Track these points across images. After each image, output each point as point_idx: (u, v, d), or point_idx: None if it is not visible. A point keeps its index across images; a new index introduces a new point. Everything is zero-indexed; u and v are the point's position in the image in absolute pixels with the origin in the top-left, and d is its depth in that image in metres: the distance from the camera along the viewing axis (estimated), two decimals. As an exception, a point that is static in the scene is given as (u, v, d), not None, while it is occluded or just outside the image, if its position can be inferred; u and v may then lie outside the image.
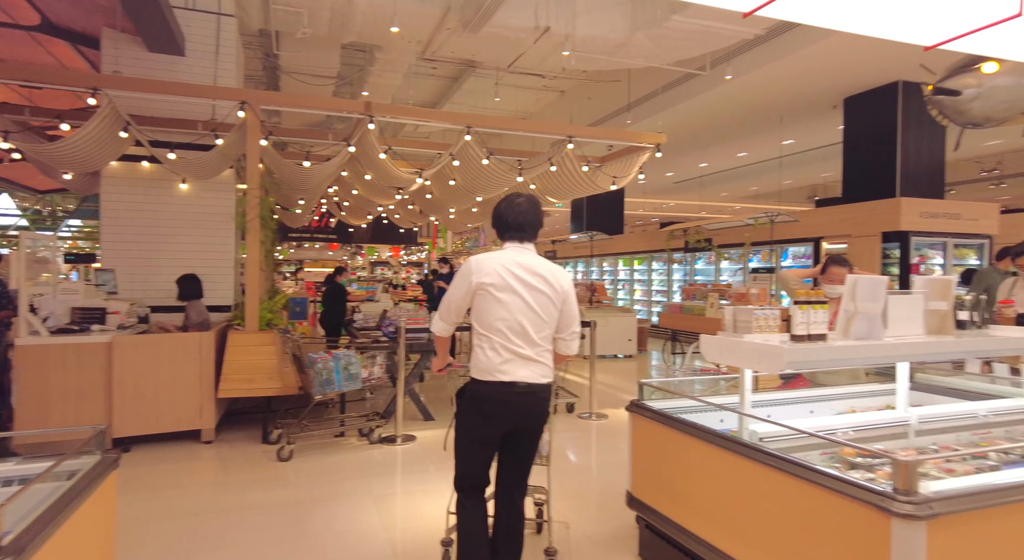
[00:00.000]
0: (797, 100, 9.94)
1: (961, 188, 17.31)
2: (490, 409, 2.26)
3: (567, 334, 2.38)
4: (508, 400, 2.24)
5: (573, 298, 2.40)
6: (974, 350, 2.83)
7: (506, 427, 2.29)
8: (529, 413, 2.29)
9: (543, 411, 2.35)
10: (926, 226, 8.20)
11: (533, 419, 2.33)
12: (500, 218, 2.39)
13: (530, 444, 2.39)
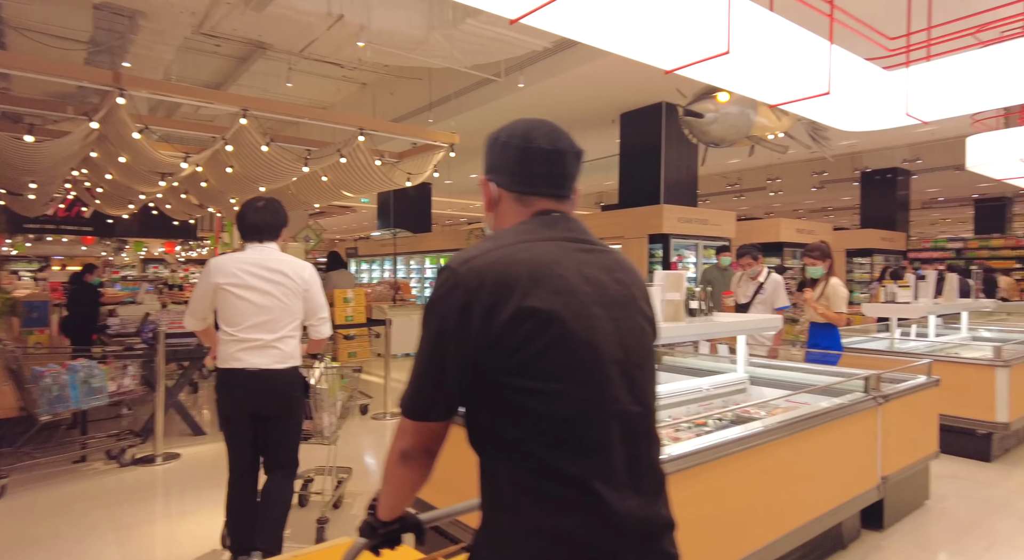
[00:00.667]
0: (582, 112, 10.86)
1: (712, 199, 20.45)
2: (228, 392, 2.52)
3: (315, 320, 2.68)
4: (240, 383, 2.47)
5: (316, 288, 2.64)
6: (701, 334, 3.30)
7: (247, 408, 2.52)
8: (263, 394, 2.51)
9: (281, 393, 2.55)
10: (682, 230, 9.51)
11: (271, 400, 2.54)
12: (241, 220, 2.58)
13: (278, 425, 2.59)
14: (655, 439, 1.07)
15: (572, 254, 1.04)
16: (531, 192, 1.11)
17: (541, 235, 1.05)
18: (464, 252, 1.03)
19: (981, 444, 4.31)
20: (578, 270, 1.02)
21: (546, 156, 1.11)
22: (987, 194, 19.63)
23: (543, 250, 1.02)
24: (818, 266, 4.46)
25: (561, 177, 1.13)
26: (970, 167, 7.14)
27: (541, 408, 0.94)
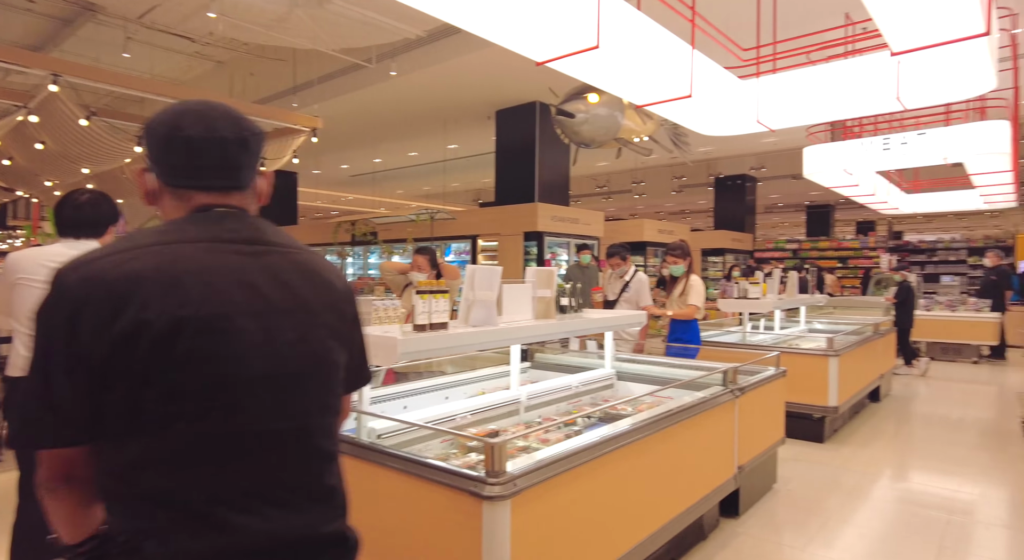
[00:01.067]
0: (458, 107, 10.69)
1: (582, 200, 21.21)
2: None
3: None
4: None
5: None
6: (571, 330, 3.24)
7: None
8: None
9: None
10: (556, 228, 9.67)
11: None
12: (57, 213, 2.36)
13: None
14: (316, 452, 0.99)
15: (226, 257, 0.94)
16: (186, 185, 0.98)
17: (186, 235, 0.93)
18: (81, 256, 0.90)
19: (816, 427, 4.73)
20: (232, 275, 0.92)
21: (198, 145, 0.96)
22: (816, 201, 22.23)
23: (181, 254, 0.91)
24: (680, 264, 4.62)
25: (221, 168, 0.98)
26: (806, 175, 7.93)
27: (164, 429, 0.86)
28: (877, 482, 3.94)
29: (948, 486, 3.88)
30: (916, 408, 6.07)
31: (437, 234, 10.44)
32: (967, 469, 4.21)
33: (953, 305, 9.27)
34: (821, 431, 4.74)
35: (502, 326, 2.59)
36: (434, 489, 1.80)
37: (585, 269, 7.27)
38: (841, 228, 25.27)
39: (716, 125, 5.07)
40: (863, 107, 4.49)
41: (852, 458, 4.41)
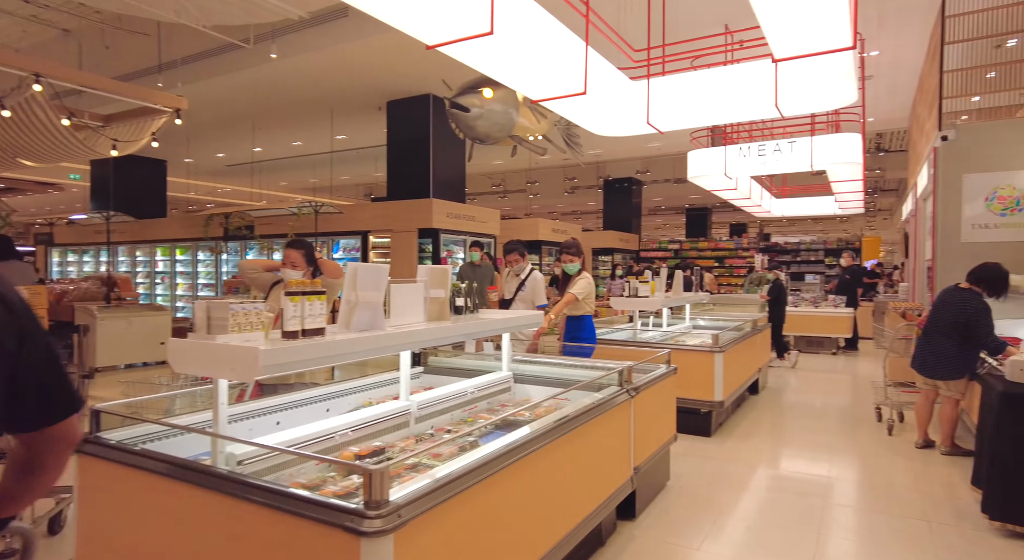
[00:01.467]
0: (345, 96, 10.13)
1: (478, 198, 21.13)
2: None
3: None
4: None
5: None
6: (468, 333, 3.04)
7: None
8: None
9: None
10: (452, 225, 9.44)
11: None
12: None
13: None
14: None
15: None
16: None
17: None
18: None
19: (703, 421, 4.88)
20: None
21: None
22: (695, 204, 23.70)
23: None
24: (575, 262, 4.59)
25: None
26: (690, 178, 8.29)
27: None
28: (760, 473, 4.11)
29: (821, 473, 4.13)
30: (789, 399, 6.50)
31: (323, 229, 9.84)
32: (837, 456, 4.51)
33: (816, 302, 10.14)
34: (708, 425, 4.90)
35: (390, 330, 2.34)
36: (303, 526, 1.53)
37: (478, 267, 7.11)
38: (717, 230, 27.12)
39: (608, 125, 5.09)
40: (744, 112, 4.68)
41: (737, 450, 4.59)
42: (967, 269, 6.69)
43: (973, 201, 6.47)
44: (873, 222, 29.06)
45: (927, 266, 7.50)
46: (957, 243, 6.51)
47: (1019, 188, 6.28)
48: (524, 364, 3.57)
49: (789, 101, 4.37)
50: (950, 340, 4.26)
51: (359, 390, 3.16)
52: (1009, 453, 3.04)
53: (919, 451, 4.51)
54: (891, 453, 4.51)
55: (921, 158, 8.61)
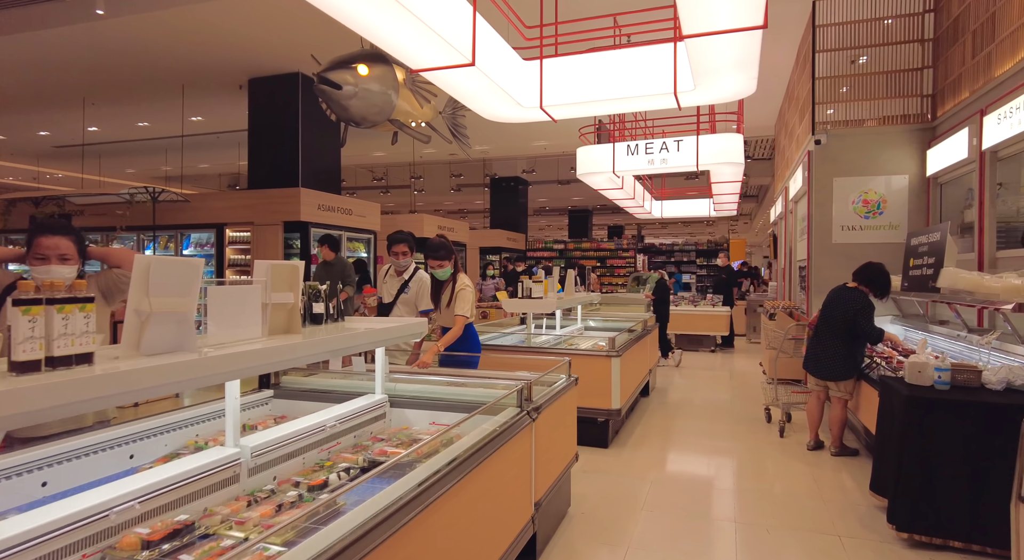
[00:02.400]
0: (199, 69, 8.83)
1: (359, 193, 19.95)
2: None
3: None
4: None
5: None
6: (327, 350, 2.37)
7: None
8: None
9: None
10: (324, 218, 8.52)
11: None
12: None
13: None
14: None
15: None
16: None
17: None
18: None
19: (600, 431, 4.53)
20: None
21: None
22: (577, 206, 24.12)
23: None
24: (445, 267, 3.79)
25: None
26: (579, 175, 8.06)
27: None
28: (663, 489, 3.80)
29: (725, 485, 3.91)
30: (679, 400, 6.40)
31: (168, 221, 8.50)
32: (736, 462, 4.34)
33: (695, 301, 10.40)
34: (605, 435, 4.56)
35: (208, 352, 1.64)
36: None
37: (331, 266, 6.38)
38: (596, 231, 27.87)
39: (498, 107, 4.60)
40: (642, 100, 4.38)
41: (636, 462, 4.28)
42: (840, 268, 7.03)
43: (842, 204, 6.76)
44: (736, 226, 31.36)
45: (800, 266, 7.82)
46: (830, 243, 6.78)
47: (879, 192, 6.65)
48: (404, 383, 2.96)
49: (689, 88, 4.11)
50: (839, 340, 4.23)
51: (183, 425, 2.39)
52: (916, 461, 2.91)
53: (811, 453, 4.46)
54: (787, 456, 4.42)
55: (792, 163, 9.05)
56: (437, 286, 3.85)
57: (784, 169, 10.12)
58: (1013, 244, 4.92)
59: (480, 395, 2.75)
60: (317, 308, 2.53)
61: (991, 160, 5.02)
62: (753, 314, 11.27)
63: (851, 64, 6.94)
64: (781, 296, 10.20)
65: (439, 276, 3.83)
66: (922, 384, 3.13)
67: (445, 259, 3.78)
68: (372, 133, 12.27)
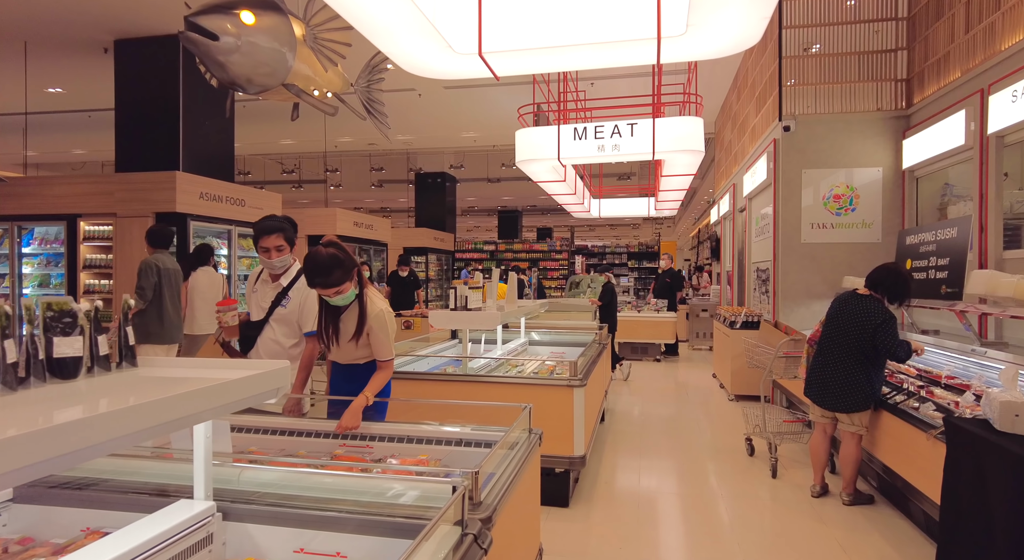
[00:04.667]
0: (47, 23, 7.07)
1: (268, 187, 18.03)
2: None
3: None
4: None
5: None
6: (52, 457, 1.12)
7: None
8: None
9: None
10: (209, 210, 7.00)
11: None
12: None
13: None
14: None
15: None
16: None
17: None
18: None
19: (559, 485, 3.45)
20: None
21: None
22: (507, 206, 23.16)
23: None
24: (346, 291, 2.38)
25: None
26: (518, 163, 6.98)
27: None
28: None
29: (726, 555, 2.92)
30: (639, 427, 5.44)
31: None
32: (734, 520, 3.38)
33: (638, 306, 9.58)
34: (566, 490, 3.48)
35: None
36: None
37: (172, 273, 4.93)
38: (525, 233, 27.05)
39: (423, 50, 3.43)
40: (617, 49, 3.34)
41: (607, 530, 3.23)
42: (809, 271, 6.31)
43: (811, 198, 6.06)
44: (659, 229, 31.48)
45: (759, 268, 7.11)
46: (798, 243, 6.04)
47: (852, 186, 5.99)
48: (256, 469, 1.74)
49: (679, 31, 3.11)
50: (852, 361, 3.37)
51: None
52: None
53: (819, 502, 3.57)
54: (790, 509, 3.50)
55: (742, 158, 8.40)
56: (332, 313, 2.51)
57: (731, 165, 9.50)
58: (1014, 244, 4.28)
59: (384, 494, 1.58)
60: (65, 347, 1.30)
61: (996, 146, 4.36)
62: (696, 319, 10.62)
63: (803, 52, 6.27)
64: (728, 301, 9.57)
65: (340, 303, 2.45)
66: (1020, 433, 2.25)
67: (342, 281, 2.36)
68: (276, 115, 10.66)
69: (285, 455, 2.21)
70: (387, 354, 2.50)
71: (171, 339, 5.12)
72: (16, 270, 7.12)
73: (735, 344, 6.30)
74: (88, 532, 1.60)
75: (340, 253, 2.35)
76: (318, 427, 2.36)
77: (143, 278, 4.92)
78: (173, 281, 5.13)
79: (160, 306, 5.01)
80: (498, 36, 3.21)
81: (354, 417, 2.30)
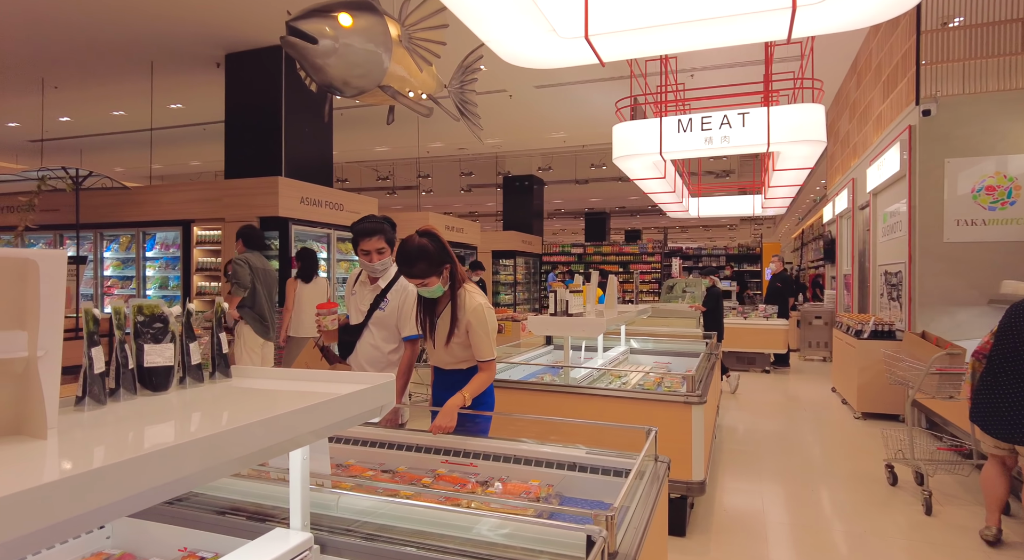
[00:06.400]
0: (170, 42, 7.54)
1: (364, 194, 18.64)
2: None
3: None
4: None
5: None
6: (126, 497, 0.96)
7: None
8: None
9: None
10: (308, 214, 7.18)
11: None
12: None
13: None
14: None
15: None
16: None
17: None
18: None
19: (675, 512, 3.10)
20: None
21: None
22: (595, 208, 22.71)
23: None
24: (433, 284, 2.25)
25: None
26: (616, 159, 6.66)
27: None
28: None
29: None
30: (755, 447, 4.95)
31: (124, 217, 7.19)
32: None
33: (745, 312, 8.92)
34: (683, 517, 3.13)
35: None
36: None
37: (267, 273, 4.93)
38: (613, 236, 26.45)
39: (524, 35, 3.21)
40: (740, 24, 2.97)
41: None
42: (954, 275, 5.52)
43: (957, 192, 5.30)
44: (759, 230, 29.77)
45: (888, 271, 6.35)
46: (940, 243, 5.30)
47: (1011, 176, 5.18)
48: (355, 493, 1.56)
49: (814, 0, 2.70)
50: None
51: None
52: None
53: (997, 551, 3.00)
54: (959, 558, 2.96)
55: (863, 150, 7.60)
56: (428, 307, 2.38)
57: (849, 158, 8.65)
58: None
59: (500, 532, 1.35)
60: (156, 355, 1.17)
61: None
62: (808, 327, 9.76)
63: (954, 21, 5.49)
64: (846, 307, 8.71)
65: (427, 295, 2.34)
66: None
67: (426, 274, 2.23)
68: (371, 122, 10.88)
69: (384, 471, 2.05)
70: (488, 353, 2.30)
71: (266, 335, 5.22)
72: (141, 273, 7.64)
73: (862, 356, 5.63)
74: (185, 553, 1.48)
75: (431, 245, 2.22)
76: (419, 440, 2.18)
77: (237, 270, 5.03)
78: (265, 280, 5.23)
79: (254, 301, 5.12)
80: (607, 15, 2.93)
81: (449, 417, 2.16)
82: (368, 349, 2.61)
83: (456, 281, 2.30)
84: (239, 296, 5.04)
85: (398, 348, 2.63)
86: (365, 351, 2.62)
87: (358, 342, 2.62)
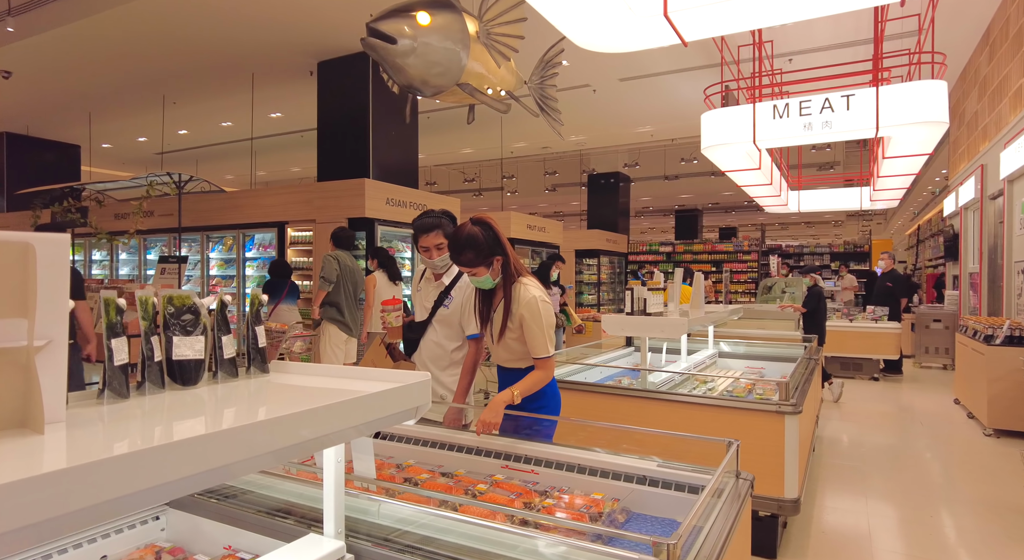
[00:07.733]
0: (267, 53, 7.98)
1: (451, 196, 19.00)
2: None
3: None
4: None
5: None
6: (133, 491, 0.91)
7: None
8: None
9: None
10: (393, 215, 7.33)
11: None
12: None
13: None
14: None
15: None
16: None
17: None
18: None
19: (764, 531, 2.81)
20: None
21: None
22: (685, 205, 21.84)
23: None
24: (483, 274, 2.18)
25: None
26: (704, 151, 6.27)
27: None
28: None
29: None
30: (860, 462, 4.47)
31: (224, 220, 7.67)
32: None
33: (851, 314, 8.17)
34: (774, 537, 2.83)
35: None
36: None
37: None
38: (706, 234, 25.35)
39: (597, 16, 3.04)
40: None
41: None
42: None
43: (1118, 174, 4.53)
44: (868, 226, 27.47)
45: (1021, 269, 5.56)
46: (1095, 234, 4.56)
47: None
48: (396, 500, 1.47)
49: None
50: None
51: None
52: None
53: None
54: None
55: (993, 132, 6.71)
56: (485, 299, 2.30)
57: (978, 142, 7.70)
58: None
59: (541, 554, 1.21)
60: (184, 348, 1.13)
61: None
62: (924, 331, 8.80)
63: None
64: (971, 310, 7.75)
65: (477, 285, 2.27)
66: None
67: (474, 264, 2.16)
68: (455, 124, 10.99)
69: (443, 474, 1.96)
70: (542, 350, 2.17)
71: (349, 331, 5.37)
72: (241, 271, 8.13)
73: (994, 364, 4.95)
74: (229, 552, 1.46)
75: (481, 234, 2.15)
76: (480, 443, 2.08)
77: (325, 267, 5.24)
78: (350, 278, 5.38)
79: (338, 297, 5.29)
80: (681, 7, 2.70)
81: (494, 413, 2.06)
82: (431, 347, 2.55)
83: (509, 274, 2.20)
84: (325, 291, 5.22)
85: (462, 346, 2.54)
86: (428, 349, 2.56)
87: (422, 340, 2.57)
